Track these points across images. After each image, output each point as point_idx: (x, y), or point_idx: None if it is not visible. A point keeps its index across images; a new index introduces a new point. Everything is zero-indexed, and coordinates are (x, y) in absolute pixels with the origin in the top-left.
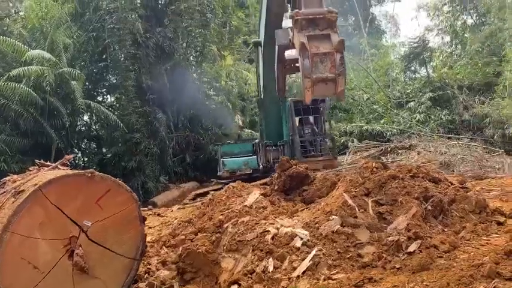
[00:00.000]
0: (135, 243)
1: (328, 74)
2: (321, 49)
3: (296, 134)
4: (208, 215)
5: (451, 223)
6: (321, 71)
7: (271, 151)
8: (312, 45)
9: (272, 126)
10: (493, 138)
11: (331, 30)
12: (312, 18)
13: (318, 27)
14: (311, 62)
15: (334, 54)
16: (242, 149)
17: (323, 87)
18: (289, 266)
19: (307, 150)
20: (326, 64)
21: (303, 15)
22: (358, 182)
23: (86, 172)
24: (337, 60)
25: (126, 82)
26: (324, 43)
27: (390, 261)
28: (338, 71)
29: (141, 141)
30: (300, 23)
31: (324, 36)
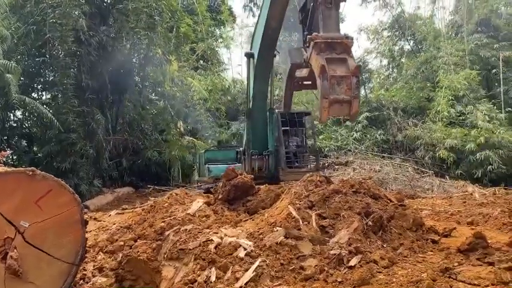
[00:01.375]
0: (75, 247)
1: (344, 96)
2: (338, 72)
3: (282, 144)
4: (149, 222)
5: (389, 239)
6: (338, 92)
7: (256, 160)
8: (329, 67)
9: (258, 136)
10: (423, 160)
11: (347, 55)
12: (330, 42)
13: (335, 51)
14: (329, 83)
15: (350, 77)
16: (226, 156)
17: (338, 108)
18: (232, 276)
19: (292, 161)
20: (342, 86)
21: (322, 39)
22: (302, 194)
23: (26, 170)
24: (353, 84)
25: (65, 80)
26: (340, 66)
27: (332, 275)
28: (353, 94)
29: (76, 142)
30: (319, 46)
31: (340, 60)
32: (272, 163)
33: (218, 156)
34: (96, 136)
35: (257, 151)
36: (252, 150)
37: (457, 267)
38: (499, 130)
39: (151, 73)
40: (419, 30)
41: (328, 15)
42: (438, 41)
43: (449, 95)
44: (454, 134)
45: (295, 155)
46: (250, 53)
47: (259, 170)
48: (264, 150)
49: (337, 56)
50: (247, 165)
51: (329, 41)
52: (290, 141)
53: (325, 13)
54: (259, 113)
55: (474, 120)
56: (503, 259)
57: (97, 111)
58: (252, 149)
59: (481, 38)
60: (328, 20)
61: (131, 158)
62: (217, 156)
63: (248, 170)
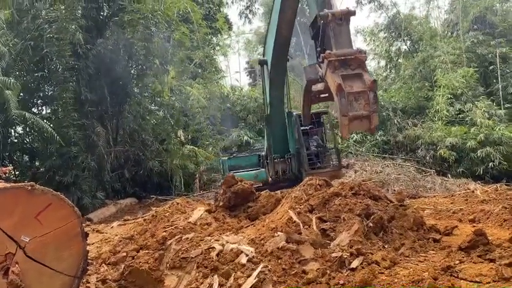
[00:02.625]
0: (77, 260)
1: (363, 112)
2: (354, 88)
3: (303, 146)
4: (150, 232)
5: (391, 240)
6: (356, 108)
7: (279, 164)
8: (346, 84)
9: (278, 140)
10: (424, 159)
11: (362, 70)
12: (344, 59)
13: (349, 67)
14: (347, 100)
15: (367, 92)
16: (248, 162)
17: (358, 123)
18: (234, 283)
19: (314, 163)
20: (360, 102)
21: (336, 57)
22: (302, 198)
23: (25, 185)
24: (370, 98)
25: (64, 94)
26: (356, 82)
27: (334, 277)
28: (372, 109)
29: (78, 155)
30: (334, 64)
31: (356, 76)
32: (295, 165)
33: (241, 162)
34: (97, 148)
35: (279, 155)
36: (274, 155)
37: (458, 265)
38: (498, 126)
39: (150, 83)
40: (415, 30)
41: (339, 31)
42: (434, 40)
43: (447, 94)
44: (454, 132)
45: (316, 155)
46: (264, 60)
47: (283, 173)
48: (285, 154)
49: (352, 72)
50: (271, 170)
51: (342, 58)
52: (310, 141)
53: (336, 30)
54: (277, 117)
55: (473, 117)
56: (504, 255)
57: (97, 124)
58: (273, 153)
59: (477, 36)
60: (339, 36)
61: (133, 169)
62: (241, 163)
63: (272, 174)
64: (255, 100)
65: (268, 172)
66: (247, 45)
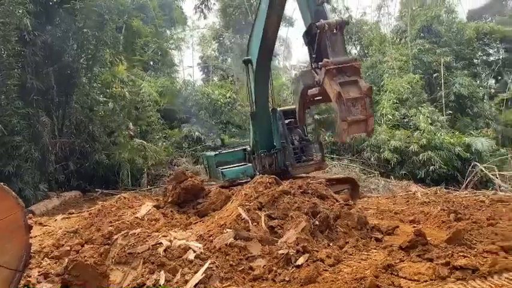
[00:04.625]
0: (19, 253)
1: (360, 116)
2: (351, 94)
3: (288, 141)
4: (96, 226)
5: (336, 238)
6: (354, 113)
7: (266, 158)
8: (343, 91)
9: (264, 136)
10: (369, 161)
11: (358, 77)
12: (340, 67)
13: (346, 74)
14: (346, 106)
15: (364, 98)
16: (235, 157)
17: (356, 127)
18: (181, 279)
19: (299, 156)
20: (357, 107)
21: (333, 65)
22: (252, 196)
23: None
24: (367, 104)
25: (8, 81)
26: (353, 88)
27: (280, 274)
28: (368, 113)
29: (21, 145)
30: (332, 72)
31: (352, 82)
32: (281, 159)
33: (228, 158)
34: (41, 139)
35: (265, 150)
36: (260, 150)
37: (398, 264)
38: (440, 132)
39: (100, 74)
40: (366, 36)
41: (335, 40)
42: (384, 45)
43: (393, 98)
44: (398, 135)
45: (301, 149)
46: (248, 59)
47: (269, 167)
48: (271, 149)
49: (349, 78)
50: (258, 164)
51: (339, 66)
52: (293, 136)
53: (331, 39)
54: (263, 114)
55: (417, 122)
56: (441, 255)
57: (42, 113)
58: (260, 148)
59: (424, 44)
60: (335, 45)
61: (78, 161)
62: (227, 158)
63: (259, 169)
64: (208, 96)
65: (256, 167)
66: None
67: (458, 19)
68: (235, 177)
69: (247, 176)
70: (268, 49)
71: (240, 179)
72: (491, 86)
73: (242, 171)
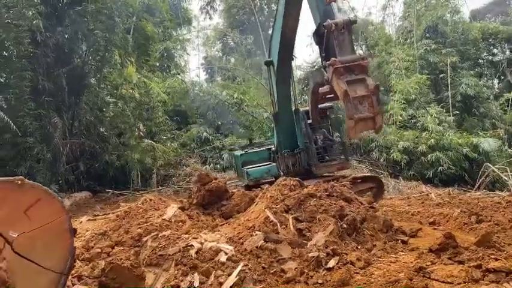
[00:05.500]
0: (64, 256)
1: (368, 114)
2: (358, 92)
3: (311, 141)
4: (124, 228)
5: (363, 241)
6: (361, 111)
7: (289, 158)
8: (350, 89)
9: (287, 136)
10: (378, 161)
11: (365, 75)
12: (348, 65)
13: (353, 73)
14: (352, 104)
15: (371, 96)
16: (260, 157)
17: (364, 125)
18: (215, 281)
19: (322, 156)
20: (365, 105)
21: (341, 63)
22: (278, 198)
23: (15, 179)
24: (374, 102)
25: (21, 82)
26: (360, 86)
27: (312, 277)
28: (375, 111)
29: (33, 146)
30: (339, 71)
31: (360, 81)
32: (304, 159)
33: (253, 157)
34: (53, 140)
35: (288, 150)
36: (284, 150)
37: (430, 266)
38: (448, 132)
39: (109, 75)
40: (371, 36)
41: (342, 39)
42: (389, 46)
43: (401, 99)
44: (407, 136)
45: (324, 148)
46: (270, 60)
47: (293, 167)
48: (294, 148)
49: (356, 77)
50: (281, 164)
51: (347, 65)
52: (317, 135)
53: (339, 38)
54: (285, 115)
55: (425, 123)
56: (473, 258)
57: (54, 115)
58: (283, 149)
59: (430, 44)
60: (342, 44)
61: (88, 161)
62: (253, 158)
63: (283, 169)
64: (215, 97)
65: (279, 166)
66: (206, 41)
67: (463, 19)
68: (259, 177)
69: (272, 175)
70: (287, 50)
71: (264, 178)
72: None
73: (266, 170)
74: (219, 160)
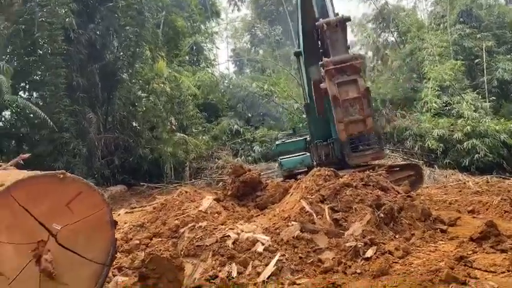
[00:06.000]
0: (106, 248)
1: (358, 116)
2: (350, 94)
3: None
4: (161, 220)
5: (401, 230)
6: (352, 113)
7: (323, 148)
8: (342, 90)
9: (319, 126)
10: (412, 150)
11: (357, 76)
12: (340, 67)
13: (346, 73)
14: (342, 108)
15: (361, 99)
16: (296, 147)
17: (354, 127)
18: (253, 271)
19: (356, 146)
20: (356, 107)
21: (332, 64)
22: (313, 189)
23: (57, 173)
24: (365, 104)
25: (56, 79)
26: (352, 88)
27: (350, 266)
28: (366, 113)
29: (69, 141)
30: (331, 72)
31: (352, 82)
32: (337, 149)
33: (290, 147)
34: (88, 135)
35: (321, 140)
36: (316, 140)
37: (471, 256)
38: (484, 119)
39: (141, 70)
40: (403, 22)
41: (336, 38)
42: (422, 32)
43: (435, 86)
44: (442, 124)
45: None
46: (299, 51)
47: (326, 157)
48: (328, 138)
49: (348, 78)
50: (315, 154)
51: (338, 66)
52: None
53: (332, 37)
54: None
55: (460, 110)
56: None
57: (88, 110)
58: (316, 139)
59: (464, 29)
60: (336, 43)
61: (123, 156)
62: (289, 148)
63: (316, 159)
64: (245, 89)
65: (313, 157)
66: (235, 33)
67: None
68: (292, 167)
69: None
70: (311, 41)
71: (297, 168)
72: None
73: (300, 161)
74: (250, 152)
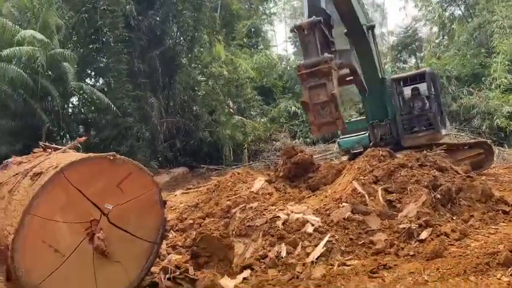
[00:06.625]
0: (156, 227)
1: (329, 119)
2: (320, 97)
3: (398, 111)
4: (214, 200)
5: (459, 211)
6: (323, 115)
7: (380, 128)
8: (313, 94)
9: (375, 106)
10: (480, 129)
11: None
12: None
13: (317, 77)
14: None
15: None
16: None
17: (327, 128)
18: (302, 251)
19: (412, 126)
20: (326, 109)
21: (305, 69)
22: (366, 169)
23: (107, 155)
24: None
25: (119, 65)
26: (322, 91)
27: (403, 249)
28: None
29: (133, 126)
30: (303, 77)
31: (322, 85)
32: (394, 130)
33: (356, 126)
34: (150, 119)
35: (377, 120)
36: (371, 121)
37: None
38: None
39: (199, 54)
40: None
41: (308, 41)
42: (491, 4)
43: (505, 60)
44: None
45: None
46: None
47: (382, 137)
48: (384, 118)
49: (319, 81)
50: (372, 135)
51: (308, 70)
52: (416, 104)
53: (304, 40)
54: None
55: None
56: None
57: (150, 95)
58: (371, 119)
59: None
60: (308, 46)
61: (184, 139)
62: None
63: (373, 139)
64: None
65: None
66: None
67: None
68: (349, 147)
69: (362, 146)
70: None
71: (354, 148)
72: None
73: (357, 141)
74: (308, 134)
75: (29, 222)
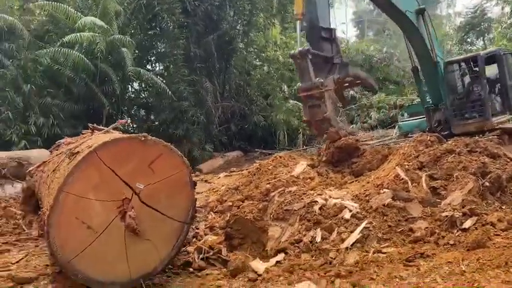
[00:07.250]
0: (186, 207)
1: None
2: (318, 115)
3: (448, 96)
4: (255, 183)
5: (509, 201)
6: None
7: (435, 113)
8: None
9: (429, 91)
10: None
11: (320, 102)
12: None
13: (313, 99)
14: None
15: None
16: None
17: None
18: (337, 237)
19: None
20: (326, 125)
21: (302, 92)
22: (411, 155)
23: (139, 136)
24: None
25: (175, 51)
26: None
27: (443, 237)
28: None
29: (188, 110)
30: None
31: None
32: (447, 115)
33: (419, 109)
34: (206, 103)
35: (431, 105)
36: (426, 106)
37: None
38: None
39: (255, 38)
40: None
41: (303, 67)
42: None
43: None
44: None
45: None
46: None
47: (438, 122)
48: (439, 103)
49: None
50: (427, 119)
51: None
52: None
53: (300, 66)
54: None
55: None
56: None
57: (205, 80)
58: (426, 104)
59: None
60: (303, 71)
61: (239, 123)
62: (418, 110)
63: (428, 124)
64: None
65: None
66: None
67: None
68: (409, 131)
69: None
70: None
71: (413, 132)
72: None
73: (417, 124)
74: (366, 119)
75: (64, 199)
